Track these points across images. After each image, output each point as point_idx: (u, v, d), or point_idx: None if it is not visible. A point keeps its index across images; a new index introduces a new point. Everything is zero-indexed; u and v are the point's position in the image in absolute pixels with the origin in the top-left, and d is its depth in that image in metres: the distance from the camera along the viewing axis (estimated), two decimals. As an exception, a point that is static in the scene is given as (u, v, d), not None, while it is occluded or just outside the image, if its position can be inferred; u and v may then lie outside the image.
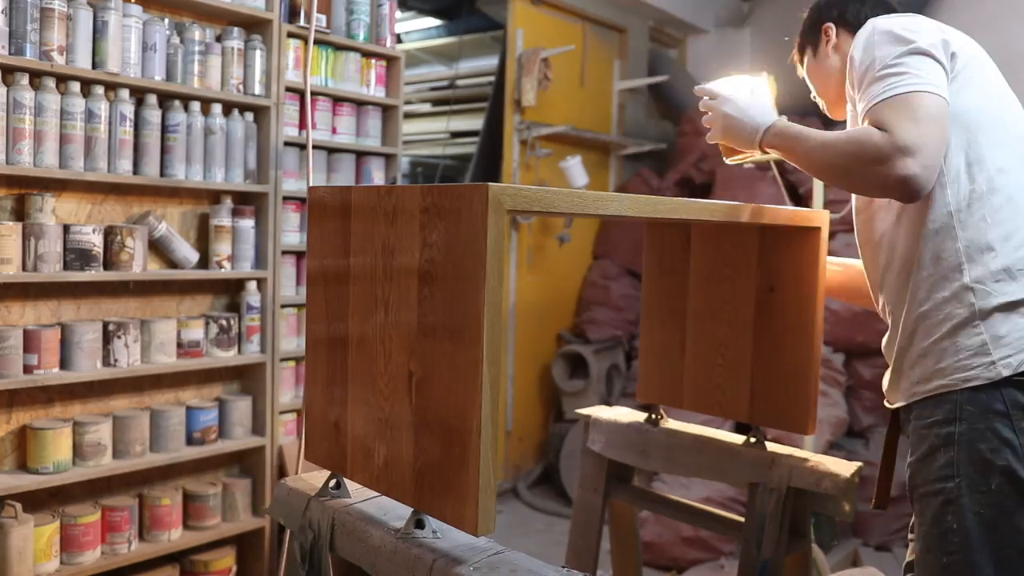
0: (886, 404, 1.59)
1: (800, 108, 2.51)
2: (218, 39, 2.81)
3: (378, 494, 1.38)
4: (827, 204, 3.17)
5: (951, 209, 1.41)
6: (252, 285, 2.91)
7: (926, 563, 1.43)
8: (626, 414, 2.17)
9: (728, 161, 1.74)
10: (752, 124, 1.56)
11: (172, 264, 2.80)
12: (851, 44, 1.50)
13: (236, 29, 2.81)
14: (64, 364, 2.48)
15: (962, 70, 1.42)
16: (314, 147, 2.96)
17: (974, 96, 1.42)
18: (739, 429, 3.23)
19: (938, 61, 1.38)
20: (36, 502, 2.50)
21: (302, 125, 3.02)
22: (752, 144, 1.58)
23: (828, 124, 3.13)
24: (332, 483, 1.45)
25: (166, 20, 2.70)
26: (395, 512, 1.37)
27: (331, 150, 3.19)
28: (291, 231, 3.04)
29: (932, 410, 1.43)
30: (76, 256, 2.45)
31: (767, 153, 1.60)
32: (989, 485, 1.37)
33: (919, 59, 1.37)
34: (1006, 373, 1.37)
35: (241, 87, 2.83)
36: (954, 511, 1.39)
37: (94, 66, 2.48)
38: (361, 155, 3.27)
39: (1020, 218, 1.41)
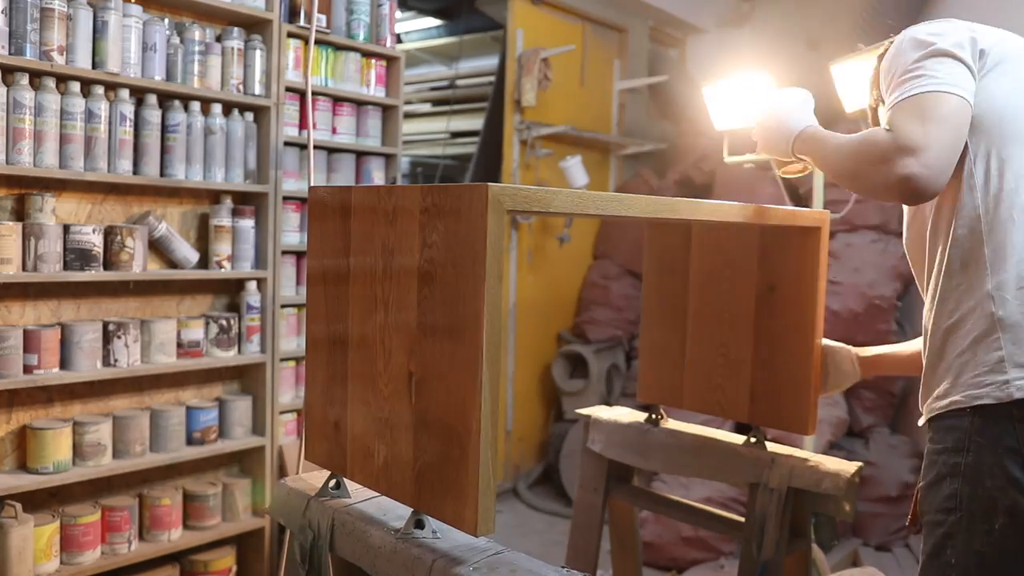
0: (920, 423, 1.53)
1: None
2: (218, 39, 2.81)
3: (378, 494, 1.38)
4: (827, 204, 3.17)
5: (979, 212, 1.34)
6: (252, 285, 2.91)
7: None
8: (626, 414, 2.17)
9: (780, 173, 1.74)
10: (785, 133, 1.56)
11: (172, 264, 2.80)
12: None
13: (236, 29, 2.82)
14: (64, 364, 2.48)
15: (994, 66, 1.36)
16: (314, 147, 2.96)
17: (1006, 89, 1.35)
18: (739, 429, 3.23)
19: (960, 60, 1.33)
20: (36, 502, 2.50)
21: (302, 125, 3.02)
22: (788, 153, 1.57)
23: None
24: (332, 483, 1.45)
25: (166, 20, 2.70)
26: (395, 512, 1.37)
27: (331, 150, 3.19)
28: (291, 231, 3.04)
29: (943, 435, 1.36)
30: (76, 256, 2.45)
31: (804, 160, 1.58)
32: (992, 524, 1.29)
33: (937, 60, 1.32)
34: (1018, 396, 1.27)
35: (241, 87, 2.83)
36: (954, 546, 1.32)
37: (94, 66, 2.48)
38: (361, 155, 3.27)
39: None
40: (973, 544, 1.30)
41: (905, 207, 1.52)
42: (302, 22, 2.93)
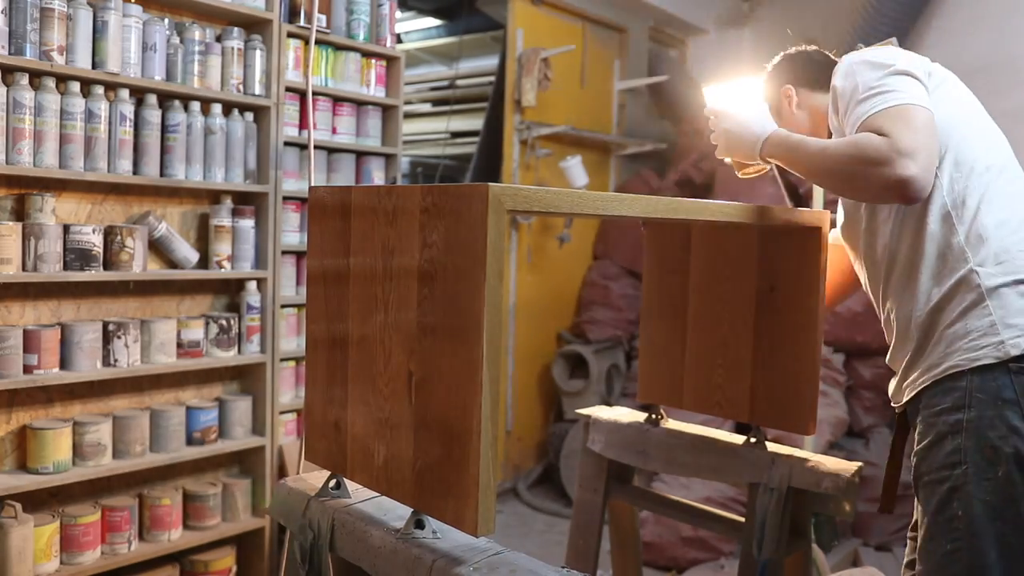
0: (893, 406, 1.60)
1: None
2: (218, 39, 2.81)
3: (378, 494, 1.38)
4: (827, 204, 3.16)
5: (948, 208, 1.47)
6: (252, 285, 2.91)
7: (929, 551, 1.44)
8: (626, 414, 2.17)
9: (740, 175, 1.78)
10: (751, 137, 1.63)
11: (172, 264, 2.80)
12: (812, 97, 1.68)
13: (236, 29, 2.81)
14: (64, 364, 2.48)
15: (938, 87, 1.51)
16: (314, 147, 2.96)
17: (951, 108, 1.50)
18: (739, 429, 3.23)
19: (917, 79, 1.46)
20: (36, 502, 2.50)
21: (302, 125, 3.02)
22: (754, 156, 1.64)
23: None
24: (332, 483, 1.45)
25: (166, 20, 2.70)
26: (395, 512, 1.37)
27: (331, 150, 3.19)
28: (291, 231, 3.04)
29: (941, 398, 1.45)
30: (76, 256, 2.45)
31: (770, 163, 1.65)
32: (996, 472, 1.38)
33: (901, 78, 1.44)
34: (1014, 353, 1.39)
35: (241, 87, 2.83)
36: (960, 498, 1.40)
37: (94, 66, 2.48)
38: (361, 155, 3.27)
39: (1012, 207, 1.47)
40: (978, 494, 1.39)
41: (854, 220, 1.64)
42: (302, 22, 2.93)
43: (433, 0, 5.19)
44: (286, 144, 2.97)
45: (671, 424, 2.08)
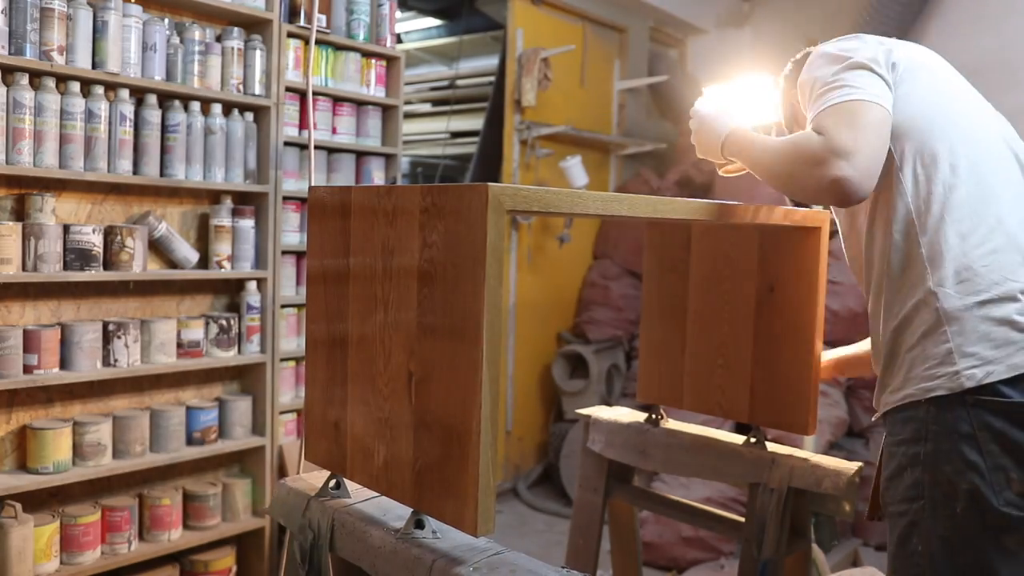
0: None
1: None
2: (218, 39, 2.81)
3: (378, 494, 1.38)
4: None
5: (912, 216, 1.39)
6: (252, 285, 2.91)
7: None
8: (626, 414, 2.17)
9: (722, 173, 1.76)
10: (714, 135, 1.60)
11: (172, 264, 2.80)
12: None
13: (236, 29, 2.81)
14: (64, 364, 2.48)
15: (907, 78, 1.42)
16: (314, 147, 2.96)
17: (922, 101, 1.42)
18: (739, 429, 3.23)
19: (876, 73, 1.39)
20: (36, 502, 2.50)
21: (302, 125, 3.02)
22: (719, 155, 1.61)
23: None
24: (332, 483, 1.46)
25: (166, 20, 2.70)
26: (395, 512, 1.37)
27: (331, 150, 3.19)
28: (291, 231, 3.04)
29: (901, 427, 1.40)
30: (76, 256, 2.45)
31: (735, 161, 1.62)
32: (954, 509, 1.32)
33: (856, 73, 1.38)
34: (968, 385, 1.32)
35: (241, 87, 2.83)
36: (919, 533, 1.36)
37: (94, 66, 2.48)
38: (361, 155, 3.27)
39: (979, 215, 1.37)
40: (937, 529, 1.34)
41: (839, 220, 1.59)
42: (302, 22, 2.93)
43: (433, 0, 5.20)
44: (286, 144, 2.97)
45: (671, 424, 2.08)
